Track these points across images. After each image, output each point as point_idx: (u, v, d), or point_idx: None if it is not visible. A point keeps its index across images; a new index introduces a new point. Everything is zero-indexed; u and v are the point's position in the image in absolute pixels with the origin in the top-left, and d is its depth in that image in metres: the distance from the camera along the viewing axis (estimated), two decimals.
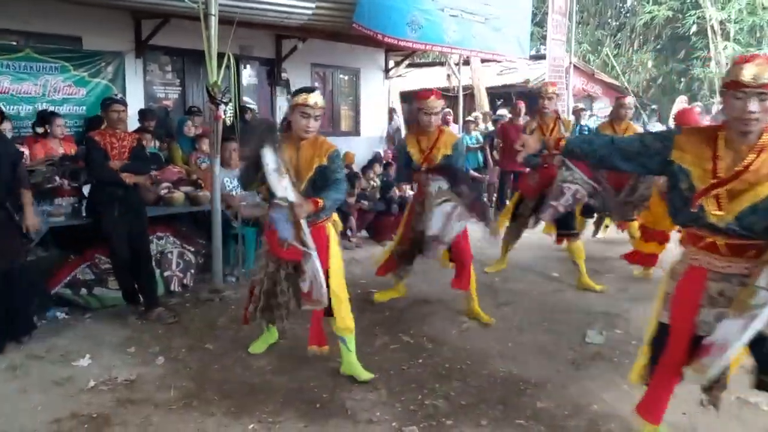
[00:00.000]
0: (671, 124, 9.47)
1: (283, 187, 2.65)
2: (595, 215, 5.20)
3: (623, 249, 4.96)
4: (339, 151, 2.95)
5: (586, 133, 7.41)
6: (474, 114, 9.91)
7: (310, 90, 2.85)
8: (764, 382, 2.13)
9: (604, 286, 4.54)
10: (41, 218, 3.59)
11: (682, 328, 2.09)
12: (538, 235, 5.18)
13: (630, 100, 5.07)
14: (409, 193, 6.82)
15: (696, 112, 5.18)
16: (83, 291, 4.00)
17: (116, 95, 4.29)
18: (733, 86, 1.89)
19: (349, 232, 6.02)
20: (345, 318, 2.94)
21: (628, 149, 2.13)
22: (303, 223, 2.67)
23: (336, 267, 2.93)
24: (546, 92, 4.58)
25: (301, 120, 2.81)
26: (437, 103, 3.63)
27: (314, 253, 2.69)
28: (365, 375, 2.96)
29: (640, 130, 4.92)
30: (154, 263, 4.11)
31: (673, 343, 2.12)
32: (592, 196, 4.01)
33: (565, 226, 4.53)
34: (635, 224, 4.82)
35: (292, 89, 8.12)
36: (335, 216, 3.09)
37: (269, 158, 2.64)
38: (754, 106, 1.84)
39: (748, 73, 1.84)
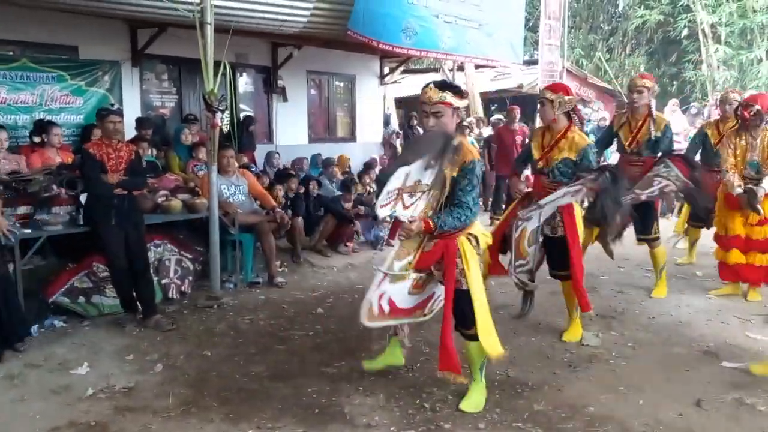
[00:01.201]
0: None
1: (411, 205, 2.48)
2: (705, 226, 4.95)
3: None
4: (477, 164, 2.53)
5: None
6: (468, 119, 9.97)
7: (427, 84, 2.55)
8: None
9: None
10: (10, 222, 3.57)
11: None
12: None
13: (733, 94, 4.70)
14: None
15: None
16: (81, 299, 4.01)
17: (112, 105, 4.31)
18: None
19: (354, 237, 6.07)
20: (488, 346, 2.61)
21: None
22: (397, 242, 2.61)
23: (475, 283, 2.60)
24: (635, 85, 4.12)
25: (422, 120, 2.54)
26: (552, 96, 3.24)
27: (380, 274, 2.65)
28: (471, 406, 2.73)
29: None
30: (151, 271, 4.12)
31: None
32: (682, 192, 3.89)
33: (643, 231, 4.27)
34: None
35: (288, 96, 8.18)
36: (478, 229, 2.71)
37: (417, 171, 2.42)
38: None
39: None
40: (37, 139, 4.99)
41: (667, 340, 3.60)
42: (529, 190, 3.74)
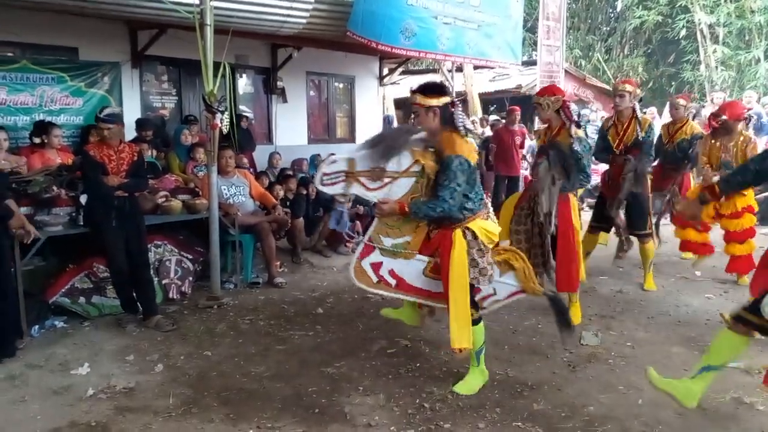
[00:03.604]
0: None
1: (379, 190, 2.84)
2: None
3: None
4: (454, 159, 2.65)
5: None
6: (472, 118, 9.99)
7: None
8: None
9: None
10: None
11: None
12: None
13: (679, 99, 5.12)
14: None
15: (742, 104, 5.40)
16: (81, 300, 4.01)
17: (103, 111, 4.24)
18: None
19: (355, 236, 6.08)
20: (454, 336, 2.73)
21: None
22: (375, 219, 2.95)
23: (455, 274, 2.74)
24: (617, 89, 4.41)
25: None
26: (539, 99, 3.71)
27: (361, 246, 2.96)
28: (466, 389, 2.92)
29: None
30: (152, 271, 4.13)
31: None
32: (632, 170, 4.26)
33: (637, 227, 4.51)
34: None
35: (288, 97, 8.19)
36: (479, 224, 2.82)
37: (398, 161, 2.80)
38: None
39: None
40: (37, 140, 4.99)
41: (666, 339, 3.61)
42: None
